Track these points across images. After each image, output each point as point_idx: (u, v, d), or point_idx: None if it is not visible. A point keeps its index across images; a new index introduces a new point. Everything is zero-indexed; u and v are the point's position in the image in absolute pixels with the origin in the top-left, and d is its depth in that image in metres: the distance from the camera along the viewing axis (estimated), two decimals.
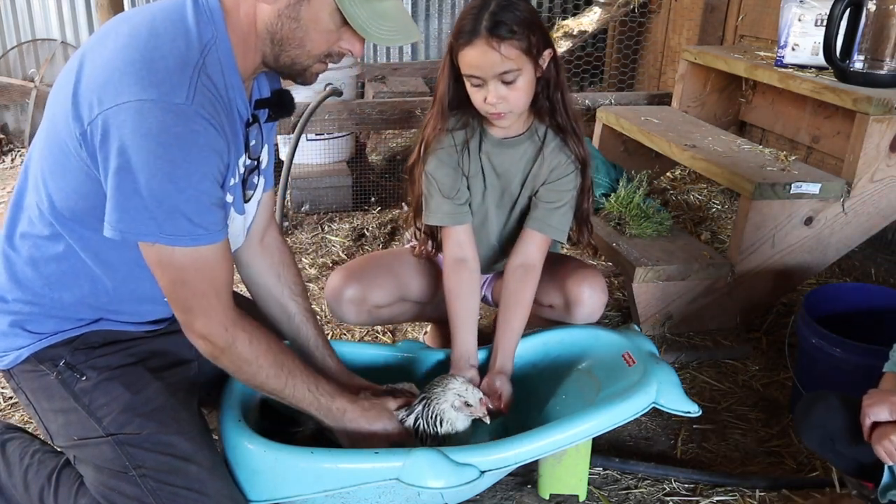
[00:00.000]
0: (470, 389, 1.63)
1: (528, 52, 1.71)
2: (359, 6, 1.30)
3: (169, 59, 1.24)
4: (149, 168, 1.21)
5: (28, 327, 1.46)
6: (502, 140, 1.90)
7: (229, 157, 1.34)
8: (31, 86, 4.46)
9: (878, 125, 2.40)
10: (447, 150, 1.89)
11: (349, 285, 1.98)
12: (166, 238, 1.26)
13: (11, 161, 4.42)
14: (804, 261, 2.55)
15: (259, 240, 1.70)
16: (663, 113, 3.33)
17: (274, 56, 1.36)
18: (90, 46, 1.32)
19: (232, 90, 1.34)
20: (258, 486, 1.49)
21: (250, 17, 1.32)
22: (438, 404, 1.61)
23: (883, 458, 1.46)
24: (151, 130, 1.20)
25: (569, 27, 4.24)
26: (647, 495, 1.85)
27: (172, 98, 1.21)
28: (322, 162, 3.66)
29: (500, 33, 1.67)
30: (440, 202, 1.90)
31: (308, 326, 1.71)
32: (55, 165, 1.33)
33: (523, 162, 1.91)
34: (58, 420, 1.47)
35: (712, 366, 2.41)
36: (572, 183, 1.91)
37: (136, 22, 1.30)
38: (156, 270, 1.32)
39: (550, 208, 1.90)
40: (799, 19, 2.77)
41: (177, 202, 1.24)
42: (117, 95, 1.21)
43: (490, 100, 1.74)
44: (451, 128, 1.89)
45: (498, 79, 1.71)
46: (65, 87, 1.29)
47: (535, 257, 1.90)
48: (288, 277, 1.72)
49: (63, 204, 1.35)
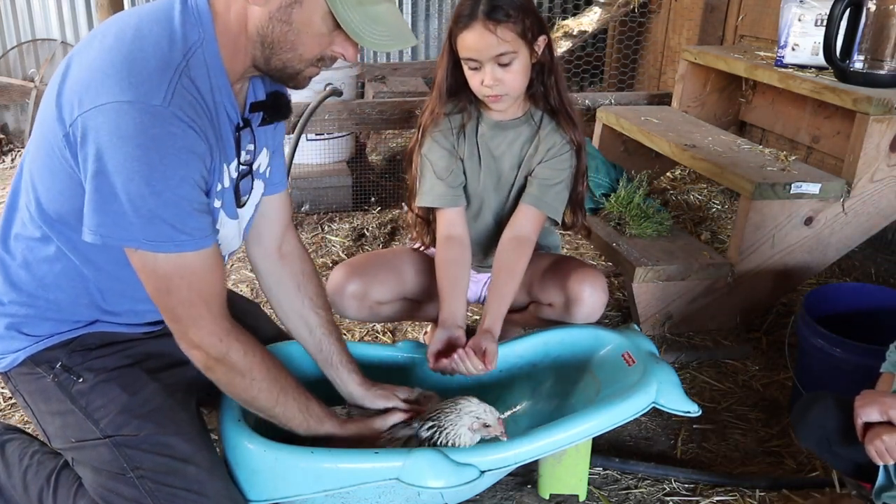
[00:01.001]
0: (487, 410, 1.57)
1: (524, 35, 1.79)
2: (352, 10, 1.27)
3: (150, 61, 1.22)
4: (126, 171, 1.19)
5: (24, 330, 1.45)
6: (498, 122, 1.95)
7: (213, 161, 1.31)
8: (31, 86, 4.46)
9: (878, 125, 2.40)
10: (444, 132, 1.96)
11: (351, 280, 1.99)
12: (148, 244, 1.24)
13: (11, 161, 4.42)
14: (804, 261, 2.55)
15: (277, 247, 1.66)
16: (663, 113, 3.33)
17: (265, 59, 1.33)
18: (79, 48, 1.31)
19: (219, 93, 1.32)
20: (258, 486, 1.48)
21: (241, 20, 1.30)
22: (454, 429, 1.54)
23: (874, 458, 1.46)
24: (128, 133, 1.18)
25: (569, 27, 4.24)
26: (647, 495, 1.85)
27: (150, 100, 1.19)
28: (322, 162, 3.66)
29: (497, 17, 1.75)
30: (434, 183, 1.95)
31: (330, 341, 1.67)
32: (43, 168, 1.32)
33: (518, 144, 1.96)
34: (55, 422, 1.46)
35: (712, 366, 2.41)
36: (567, 162, 1.96)
37: (122, 24, 1.28)
38: (141, 277, 1.30)
39: (546, 185, 1.94)
40: (799, 19, 2.77)
41: (154, 206, 1.21)
42: (97, 97, 1.19)
43: (487, 82, 1.81)
44: (448, 112, 1.95)
45: (494, 61, 1.79)
46: (52, 89, 1.28)
47: (528, 230, 1.93)
48: (309, 288, 1.67)
49: (49, 206, 1.34)
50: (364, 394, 1.68)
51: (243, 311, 1.76)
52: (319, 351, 1.67)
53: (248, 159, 1.48)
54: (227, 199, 1.42)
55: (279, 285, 1.67)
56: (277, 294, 1.68)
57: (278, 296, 1.68)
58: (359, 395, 1.68)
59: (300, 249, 1.70)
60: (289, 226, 1.69)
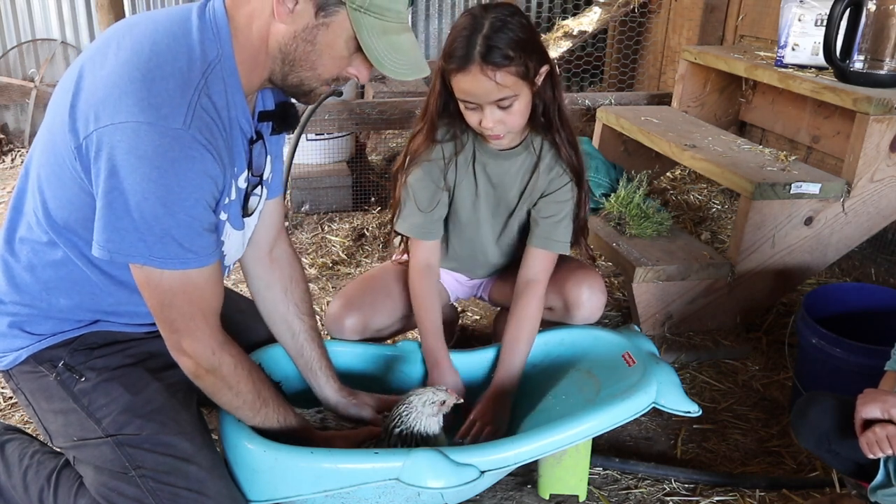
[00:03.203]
0: (436, 389, 1.62)
1: (525, 76, 1.67)
2: (377, 38, 1.29)
3: (170, 81, 1.22)
4: (142, 191, 1.20)
5: (27, 328, 1.46)
6: (498, 152, 1.87)
7: (225, 180, 1.33)
8: (31, 86, 4.47)
9: (878, 125, 2.40)
10: (435, 162, 1.87)
11: (349, 315, 1.93)
12: (156, 261, 1.26)
13: (11, 161, 4.42)
14: (804, 261, 2.55)
15: (268, 251, 1.68)
16: (663, 113, 3.33)
17: (283, 75, 1.35)
18: (90, 55, 1.30)
19: (234, 109, 1.33)
20: (258, 486, 1.49)
21: (263, 35, 1.30)
22: (419, 420, 1.58)
23: (865, 449, 1.46)
24: (146, 153, 1.19)
25: (569, 27, 4.24)
26: (647, 495, 1.85)
27: (170, 123, 1.20)
28: (322, 162, 3.66)
29: (495, 60, 1.61)
30: (412, 212, 1.89)
31: (311, 347, 1.70)
32: (51, 174, 1.33)
33: (521, 174, 1.90)
34: (57, 421, 1.47)
35: (712, 366, 2.41)
36: (569, 193, 1.90)
37: (138, 35, 1.28)
38: (144, 291, 1.32)
39: (552, 222, 1.89)
40: (799, 19, 2.77)
41: (168, 226, 1.23)
42: (115, 114, 1.20)
43: (486, 124, 1.71)
44: (440, 139, 1.86)
45: (494, 104, 1.68)
46: (64, 97, 1.28)
47: (540, 273, 1.90)
48: (295, 294, 1.70)
49: (57, 213, 1.35)
50: (339, 401, 1.72)
51: (242, 309, 1.78)
52: (300, 356, 1.71)
53: (260, 171, 1.49)
54: (233, 211, 1.43)
55: (267, 289, 1.69)
56: (265, 297, 1.70)
57: (265, 299, 1.70)
58: (333, 402, 1.72)
59: (290, 254, 1.72)
60: (281, 230, 1.71)
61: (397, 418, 1.59)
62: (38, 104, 4.47)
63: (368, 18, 1.28)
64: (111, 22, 3.26)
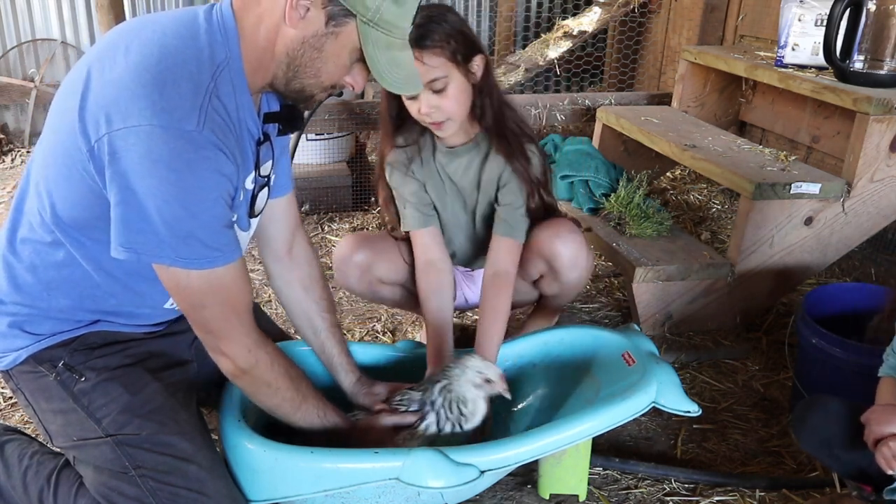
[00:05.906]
0: (489, 365, 1.64)
1: (453, 58, 1.77)
2: (381, 52, 1.33)
3: (181, 84, 1.23)
4: (161, 194, 1.21)
5: (26, 328, 1.46)
6: (450, 149, 1.97)
7: (238, 179, 1.35)
8: (31, 86, 4.46)
9: (878, 125, 2.40)
10: (401, 161, 1.98)
11: (359, 250, 2.05)
12: (182, 261, 1.26)
13: (11, 161, 4.41)
14: (804, 261, 2.55)
15: (287, 250, 1.70)
16: (663, 113, 3.33)
17: (286, 80, 1.36)
18: (97, 57, 1.30)
19: (242, 110, 1.34)
20: (258, 485, 1.49)
21: (270, 38, 1.31)
22: (460, 385, 1.60)
23: (883, 465, 1.45)
24: (162, 157, 1.20)
25: (569, 27, 4.24)
26: (647, 495, 1.85)
27: (184, 125, 1.21)
28: (322, 162, 3.66)
29: (423, 44, 1.73)
30: (405, 207, 2.00)
31: (332, 343, 1.74)
32: (59, 175, 1.32)
33: (472, 170, 1.98)
34: (57, 420, 1.47)
35: (712, 366, 2.41)
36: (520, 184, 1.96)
37: (146, 38, 1.28)
38: (173, 293, 1.33)
39: (512, 209, 1.96)
40: (799, 19, 2.77)
41: (191, 227, 1.24)
42: (127, 117, 1.20)
43: (423, 109, 1.81)
44: (401, 144, 1.97)
45: (427, 88, 1.77)
46: (71, 98, 1.27)
47: (507, 263, 1.95)
48: (316, 292, 1.73)
49: (65, 213, 1.35)
50: (353, 392, 1.76)
51: None
52: (322, 352, 1.75)
53: (267, 172, 1.51)
54: (241, 212, 1.45)
55: (288, 287, 1.73)
56: (286, 296, 1.74)
57: (287, 297, 1.74)
58: (350, 394, 1.76)
59: (309, 253, 1.75)
60: (298, 227, 1.73)
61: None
62: (38, 104, 4.47)
63: (376, 32, 1.31)
64: (111, 22, 3.26)
